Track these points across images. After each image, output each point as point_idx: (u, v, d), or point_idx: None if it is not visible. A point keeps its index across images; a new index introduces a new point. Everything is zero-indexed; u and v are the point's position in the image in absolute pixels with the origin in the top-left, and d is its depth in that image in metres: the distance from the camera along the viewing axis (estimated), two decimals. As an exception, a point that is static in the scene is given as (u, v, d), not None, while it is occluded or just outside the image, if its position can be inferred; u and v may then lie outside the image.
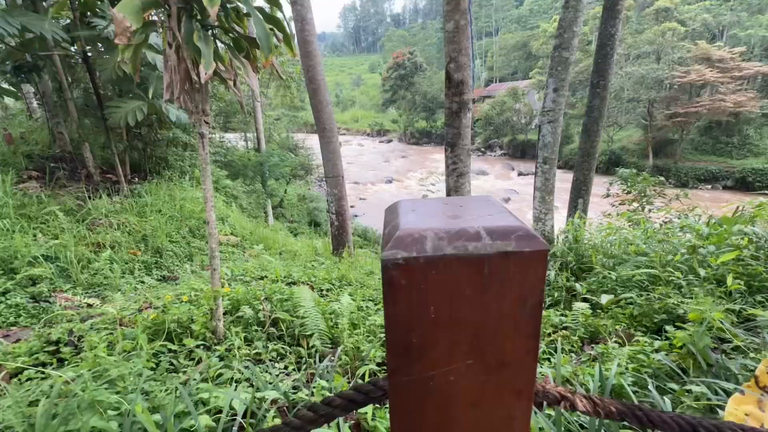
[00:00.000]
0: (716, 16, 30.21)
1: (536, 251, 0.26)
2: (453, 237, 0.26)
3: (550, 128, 3.69)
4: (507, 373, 0.28)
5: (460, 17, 1.88)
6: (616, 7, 5.91)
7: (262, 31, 1.44)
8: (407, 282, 0.26)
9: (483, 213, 0.29)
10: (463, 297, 0.26)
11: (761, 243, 2.74)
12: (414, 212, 0.30)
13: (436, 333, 0.27)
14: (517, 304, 0.27)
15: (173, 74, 1.50)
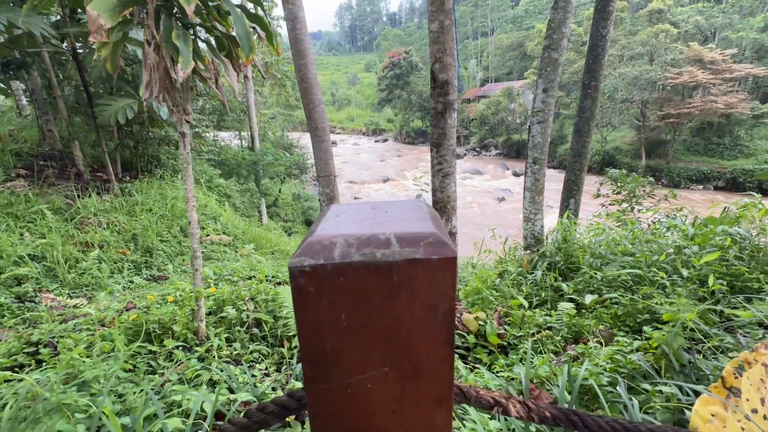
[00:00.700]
0: (708, 18, 30.52)
1: (444, 258, 0.25)
2: (363, 244, 0.26)
3: (539, 128, 3.70)
4: (424, 381, 0.28)
5: (445, 18, 1.88)
6: (607, 9, 5.94)
7: (243, 29, 1.43)
8: (316, 289, 0.25)
9: (404, 218, 0.29)
10: (374, 304, 0.26)
11: (744, 243, 2.78)
12: (337, 217, 0.30)
13: (349, 340, 0.27)
14: (428, 311, 0.26)
15: (152, 72, 1.48)
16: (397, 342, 0.27)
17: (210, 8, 1.59)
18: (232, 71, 1.58)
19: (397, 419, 0.29)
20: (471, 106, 42.43)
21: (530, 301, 2.87)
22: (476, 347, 1.91)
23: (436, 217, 0.30)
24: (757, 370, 0.80)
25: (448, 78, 1.95)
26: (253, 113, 13.53)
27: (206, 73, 1.51)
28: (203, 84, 1.58)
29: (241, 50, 1.42)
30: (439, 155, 2.10)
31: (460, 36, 66.03)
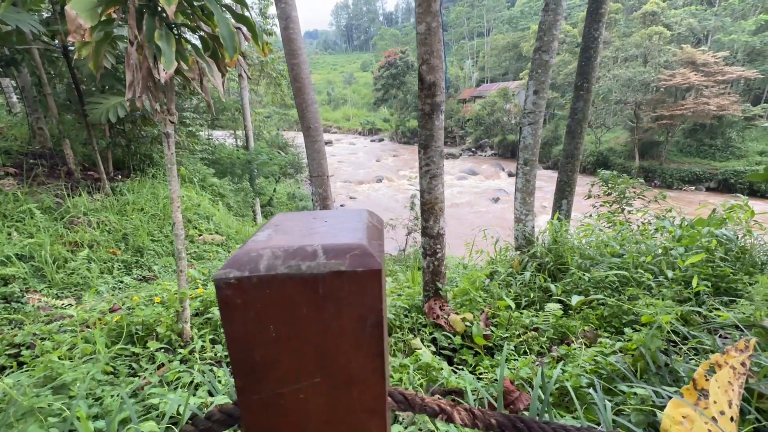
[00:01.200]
0: (701, 20, 30.83)
1: (369, 270, 0.25)
2: (289, 256, 0.26)
3: (530, 130, 3.72)
4: (356, 392, 0.28)
5: (432, 19, 1.88)
6: (599, 11, 5.99)
7: (227, 30, 1.42)
8: (242, 301, 0.25)
9: (340, 229, 0.29)
10: (302, 316, 0.26)
11: (730, 245, 2.81)
12: (275, 227, 0.30)
13: (279, 351, 0.27)
14: (357, 323, 0.27)
15: (135, 72, 1.47)
16: (327, 353, 0.27)
17: (195, 8, 1.58)
18: (217, 72, 1.57)
19: (331, 429, 0.29)
20: (467, 107, 42.55)
21: (519, 302, 2.88)
22: (463, 348, 1.92)
23: (374, 227, 0.30)
24: (725, 373, 0.81)
25: (436, 80, 1.96)
26: (247, 112, 13.47)
27: (190, 74, 1.50)
28: (187, 84, 1.56)
29: (225, 51, 1.42)
30: (426, 157, 2.10)
31: (456, 36, 66.11)
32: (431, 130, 2.04)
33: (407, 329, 2.05)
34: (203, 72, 1.54)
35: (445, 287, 2.24)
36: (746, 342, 0.88)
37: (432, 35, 1.89)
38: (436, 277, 2.24)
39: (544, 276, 3.14)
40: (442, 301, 2.19)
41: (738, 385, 0.82)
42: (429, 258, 2.25)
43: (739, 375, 0.82)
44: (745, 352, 0.85)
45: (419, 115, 2.04)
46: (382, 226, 0.34)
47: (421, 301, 2.33)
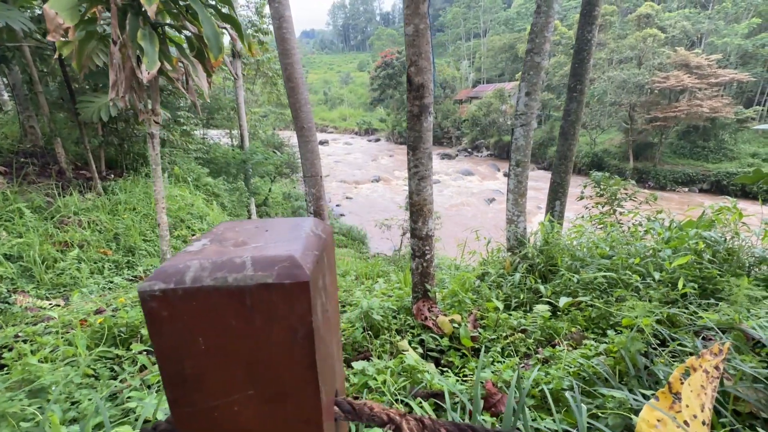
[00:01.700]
0: (695, 23, 31.11)
1: (297, 283, 0.25)
2: (217, 268, 0.25)
3: (522, 131, 3.73)
4: (290, 404, 0.28)
5: (420, 21, 1.88)
6: (592, 13, 6.02)
7: (211, 30, 1.41)
8: (169, 314, 0.25)
9: (276, 240, 0.29)
10: (230, 328, 0.26)
11: (717, 247, 2.84)
12: (213, 237, 0.30)
13: (209, 363, 0.26)
14: (287, 335, 0.26)
15: (118, 72, 1.46)
16: (258, 365, 0.27)
17: (180, 7, 1.56)
18: (202, 72, 1.56)
19: (268, 441, 0.28)
20: (463, 107, 42.64)
21: (509, 303, 2.89)
22: (450, 350, 1.92)
23: (315, 237, 0.30)
24: (698, 377, 0.81)
25: (424, 81, 1.96)
26: (242, 111, 13.42)
27: (174, 74, 1.48)
28: (172, 84, 1.55)
29: (210, 51, 1.41)
30: (415, 158, 2.10)
31: (452, 37, 66.24)
32: (419, 132, 2.03)
33: (395, 331, 2.05)
34: (188, 72, 1.53)
35: (433, 289, 2.24)
36: (720, 346, 0.89)
37: (420, 37, 1.89)
38: (425, 279, 2.24)
39: (535, 277, 3.15)
40: (430, 302, 2.19)
41: (711, 389, 0.82)
42: (418, 259, 2.25)
43: (712, 378, 0.82)
44: (719, 355, 0.86)
45: (408, 117, 2.04)
46: (327, 235, 0.33)
47: (410, 303, 2.33)
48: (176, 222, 7.12)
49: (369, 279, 4.45)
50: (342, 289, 3.32)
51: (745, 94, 29.96)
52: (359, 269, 4.98)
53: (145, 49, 1.33)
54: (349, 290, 3.34)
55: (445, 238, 13.25)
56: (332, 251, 0.34)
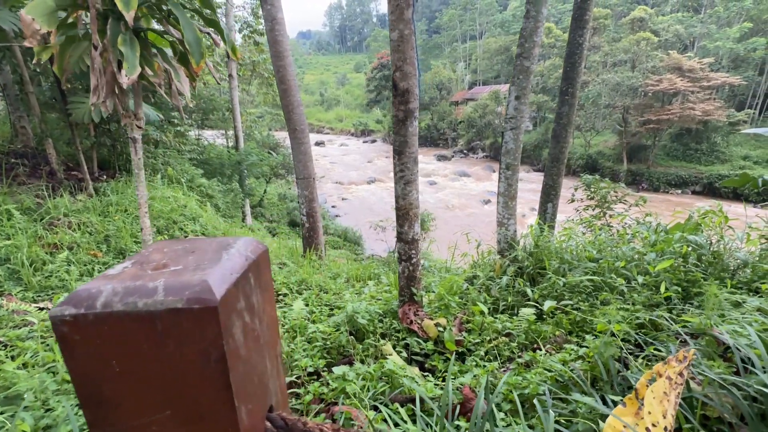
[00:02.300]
0: (687, 27, 31.44)
1: (206, 308, 0.26)
2: (129, 293, 0.26)
3: (512, 135, 3.75)
4: (208, 424, 0.28)
5: (404, 27, 1.89)
6: (583, 18, 6.08)
7: (192, 35, 1.41)
8: (81, 337, 0.25)
9: (201, 261, 0.29)
10: (143, 352, 0.26)
11: (702, 251, 2.87)
12: (137, 258, 0.30)
13: (126, 386, 0.27)
14: (199, 358, 0.27)
15: (99, 77, 1.45)
16: (174, 388, 0.27)
17: (163, 12, 1.56)
18: (185, 77, 1.55)
19: (191, 460, 0.29)
20: (459, 109, 42.76)
21: (497, 306, 2.90)
22: (434, 354, 1.93)
23: (238, 259, 0.31)
24: (661, 384, 0.82)
25: (409, 86, 1.97)
26: (237, 112, 13.39)
27: (155, 79, 1.48)
28: (152, 89, 1.55)
29: (191, 56, 1.41)
30: (401, 162, 2.11)
31: (449, 39, 66.43)
32: (405, 137, 2.05)
33: (380, 335, 2.05)
34: (170, 77, 1.53)
35: (420, 292, 2.25)
36: (685, 353, 0.90)
37: (405, 42, 1.90)
38: (411, 282, 2.25)
39: (523, 280, 3.17)
40: (416, 306, 2.20)
41: (674, 396, 0.83)
42: (404, 263, 2.26)
43: (675, 385, 0.83)
44: (683, 362, 0.87)
45: (393, 121, 2.05)
46: (258, 255, 0.34)
47: (397, 306, 2.34)
48: (169, 224, 7.09)
49: (360, 281, 4.45)
50: (332, 292, 3.33)
51: (737, 97, 30.32)
52: (351, 271, 4.98)
53: (125, 55, 1.33)
54: (339, 293, 3.34)
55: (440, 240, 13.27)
56: (266, 270, 0.35)
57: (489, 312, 2.83)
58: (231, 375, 0.27)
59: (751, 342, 1.13)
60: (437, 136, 43.92)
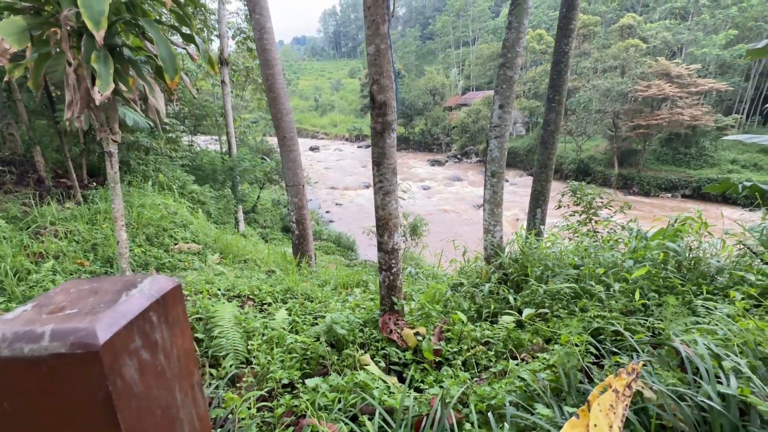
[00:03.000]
0: (675, 34, 32.05)
1: (87, 353, 0.27)
2: (17, 338, 0.28)
3: (497, 143, 3.80)
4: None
5: (381, 41, 1.93)
6: (569, 27, 6.19)
7: (166, 52, 1.43)
8: (-28, 379, 0.27)
9: (96, 304, 0.31)
10: (32, 396, 0.28)
11: (680, 257, 2.92)
12: (43, 299, 0.32)
13: (19, 425, 0.29)
14: (86, 399, 0.28)
15: (74, 93, 1.47)
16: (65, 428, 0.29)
17: (139, 28, 1.58)
18: (159, 93, 1.57)
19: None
20: (452, 114, 43.08)
21: (481, 312, 2.93)
22: (413, 363, 1.95)
23: (138, 300, 0.32)
24: (608, 396, 0.85)
25: (386, 99, 2.00)
26: (230, 118, 13.39)
27: (129, 95, 1.50)
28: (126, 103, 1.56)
29: (165, 72, 1.43)
30: (379, 173, 2.14)
31: (442, 45, 67.08)
32: (383, 148, 2.07)
33: (359, 344, 2.06)
34: (145, 92, 1.54)
35: (400, 301, 2.27)
36: (634, 365, 0.93)
37: (381, 56, 1.94)
38: (392, 292, 2.27)
39: (507, 287, 3.20)
40: (396, 315, 2.22)
41: (621, 408, 0.86)
42: (384, 273, 2.28)
43: (623, 398, 0.86)
44: (631, 375, 0.89)
45: (371, 134, 2.08)
46: (164, 291, 0.36)
47: (378, 315, 2.35)
48: (158, 231, 7.04)
49: (348, 288, 4.46)
50: (317, 300, 3.33)
51: (725, 102, 30.90)
52: (339, 278, 4.99)
53: (98, 72, 1.35)
54: (325, 301, 3.34)
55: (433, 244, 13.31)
56: (176, 305, 0.37)
57: (472, 319, 2.86)
58: (120, 413, 0.28)
59: (705, 352, 1.16)
60: (431, 141, 44.16)
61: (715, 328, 1.50)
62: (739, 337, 1.32)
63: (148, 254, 6.36)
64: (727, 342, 1.30)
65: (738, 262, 2.93)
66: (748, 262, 2.91)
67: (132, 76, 1.49)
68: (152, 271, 6.01)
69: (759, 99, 30.85)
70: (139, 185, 9.11)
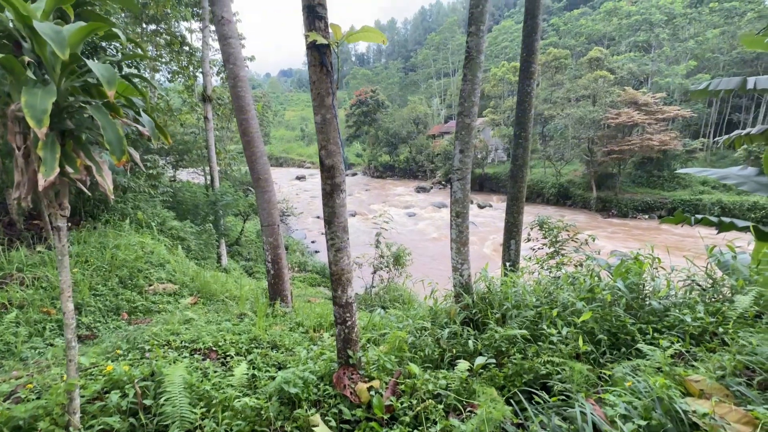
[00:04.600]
0: (640, 65, 34.15)
1: None
2: None
3: (459, 185, 3.97)
4: None
5: (326, 112, 2.08)
6: (530, 69, 6.61)
7: (114, 135, 1.53)
8: None
9: None
10: None
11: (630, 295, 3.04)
12: None
13: None
14: None
15: (22, 174, 1.54)
16: None
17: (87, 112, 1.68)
18: (107, 171, 1.66)
19: None
20: (436, 142, 44.19)
21: (443, 357, 2.97)
22: (364, 421, 1.96)
23: None
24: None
25: (334, 163, 2.13)
26: (213, 152, 13.51)
27: (77, 176, 1.58)
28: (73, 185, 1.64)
29: (112, 155, 1.52)
30: (331, 231, 2.23)
31: (424, 76, 69.76)
32: (333, 208, 2.18)
33: (313, 402, 2.07)
34: (93, 172, 1.62)
35: (356, 354, 2.31)
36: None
37: (327, 125, 2.08)
38: (348, 345, 2.31)
39: (470, 329, 3.27)
40: (351, 369, 2.25)
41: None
42: (340, 326, 2.32)
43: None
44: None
45: (322, 194, 2.19)
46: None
47: (336, 369, 2.37)
48: (133, 273, 6.93)
49: (322, 329, 4.44)
50: (284, 347, 3.32)
51: (691, 127, 32.63)
52: (314, 318, 4.96)
53: (43, 158, 1.42)
54: (291, 349, 3.33)
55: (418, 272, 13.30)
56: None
57: (435, 364, 2.89)
58: None
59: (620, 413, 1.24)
60: (416, 168, 45.01)
61: (638, 380, 1.59)
62: (655, 392, 1.41)
63: (120, 297, 6.23)
64: (639, 398, 1.38)
65: (685, 299, 3.07)
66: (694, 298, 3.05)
67: (80, 158, 1.57)
68: (124, 315, 5.88)
69: (722, 123, 32.71)
70: (117, 224, 9.02)
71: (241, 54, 5.22)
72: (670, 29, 36.58)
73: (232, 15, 5.23)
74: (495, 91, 41.51)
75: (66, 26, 1.54)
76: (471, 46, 3.85)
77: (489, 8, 3.92)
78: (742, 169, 5.07)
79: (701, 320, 2.54)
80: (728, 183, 4.77)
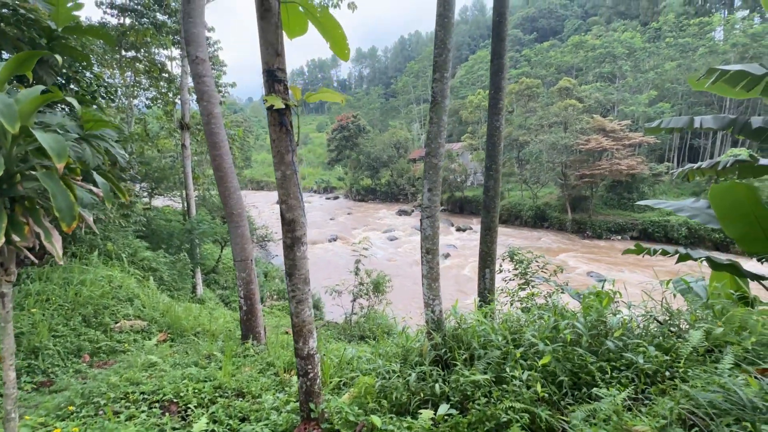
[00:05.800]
0: (606, 95, 36.28)
1: None
2: None
3: (429, 222, 4.06)
4: None
5: (286, 168, 2.14)
6: (497, 106, 6.93)
7: (64, 203, 1.53)
8: None
9: None
10: None
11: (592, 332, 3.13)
12: None
13: None
14: None
15: (-34, 242, 1.52)
16: None
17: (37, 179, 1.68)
18: (57, 237, 1.64)
19: None
20: (416, 166, 45.03)
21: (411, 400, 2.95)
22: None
23: None
24: None
25: (294, 217, 2.17)
26: (189, 180, 13.34)
27: (24, 243, 1.56)
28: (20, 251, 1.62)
29: (61, 221, 1.51)
30: (292, 283, 2.24)
31: (404, 102, 71.79)
32: (294, 260, 2.20)
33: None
34: (41, 238, 1.61)
35: (318, 408, 2.28)
36: None
37: (287, 181, 2.13)
38: (310, 398, 2.28)
39: (439, 369, 3.27)
40: (314, 424, 2.22)
41: None
42: (302, 378, 2.30)
43: None
44: None
45: (283, 247, 2.21)
46: None
47: (299, 422, 2.33)
48: (97, 310, 6.63)
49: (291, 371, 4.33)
50: (250, 395, 3.22)
51: (656, 151, 34.53)
52: (287, 355, 4.84)
53: (-14, 229, 1.41)
54: (258, 396, 3.24)
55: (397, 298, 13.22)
56: None
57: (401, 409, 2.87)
58: None
59: None
60: (397, 191, 45.53)
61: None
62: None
63: (82, 338, 5.93)
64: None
65: (642, 334, 3.18)
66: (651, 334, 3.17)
67: (28, 225, 1.56)
68: (85, 357, 5.58)
69: (685, 148, 34.79)
70: (84, 256, 8.68)
71: (215, 92, 5.30)
72: (631, 61, 39.23)
73: (206, 54, 5.33)
74: (472, 117, 43.03)
75: (21, 93, 1.56)
76: (436, 91, 4.04)
77: (451, 58, 4.15)
78: (695, 201, 5.40)
79: (655, 358, 2.63)
80: (682, 215, 5.06)
